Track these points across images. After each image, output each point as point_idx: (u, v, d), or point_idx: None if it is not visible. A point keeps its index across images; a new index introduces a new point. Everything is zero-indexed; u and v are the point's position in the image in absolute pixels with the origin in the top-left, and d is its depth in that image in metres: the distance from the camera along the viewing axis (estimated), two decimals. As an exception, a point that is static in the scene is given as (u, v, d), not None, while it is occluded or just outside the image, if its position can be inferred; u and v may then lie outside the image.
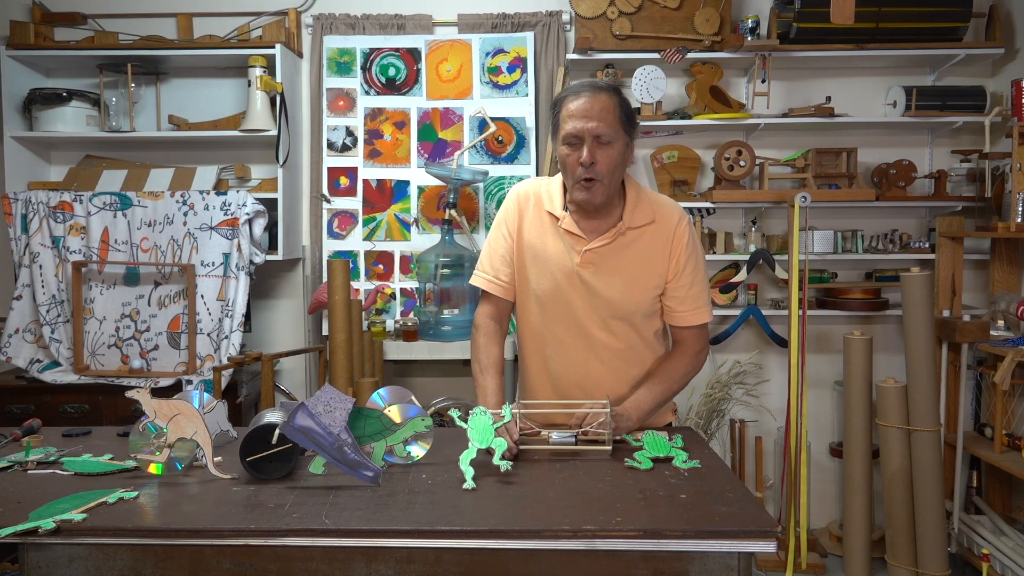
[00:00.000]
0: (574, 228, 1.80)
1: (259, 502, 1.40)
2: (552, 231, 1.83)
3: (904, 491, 2.89)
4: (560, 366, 1.87)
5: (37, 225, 3.11)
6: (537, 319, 1.87)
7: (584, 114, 1.69)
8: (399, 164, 3.35)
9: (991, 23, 3.25)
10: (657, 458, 1.62)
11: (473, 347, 1.89)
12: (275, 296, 3.55)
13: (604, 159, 1.70)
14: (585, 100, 1.70)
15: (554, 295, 1.83)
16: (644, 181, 3.50)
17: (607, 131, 1.70)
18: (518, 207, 1.87)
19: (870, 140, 3.45)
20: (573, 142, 1.71)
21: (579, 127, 1.69)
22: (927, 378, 2.86)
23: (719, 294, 3.42)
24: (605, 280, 1.80)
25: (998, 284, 3.18)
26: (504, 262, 1.87)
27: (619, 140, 1.73)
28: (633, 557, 1.27)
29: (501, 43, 3.33)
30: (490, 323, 1.89)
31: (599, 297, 1.81)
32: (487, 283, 1.89)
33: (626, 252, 1.80)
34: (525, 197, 1.87)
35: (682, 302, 1.84)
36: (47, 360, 3.17)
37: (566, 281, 1.81)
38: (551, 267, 1.82)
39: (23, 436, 1.83)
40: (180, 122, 3.36)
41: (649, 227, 1.81)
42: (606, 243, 1.79)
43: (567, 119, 1.72)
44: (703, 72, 3.31)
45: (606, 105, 1.70)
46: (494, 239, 1.90)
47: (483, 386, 1.82)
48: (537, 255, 1.83)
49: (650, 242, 1.81)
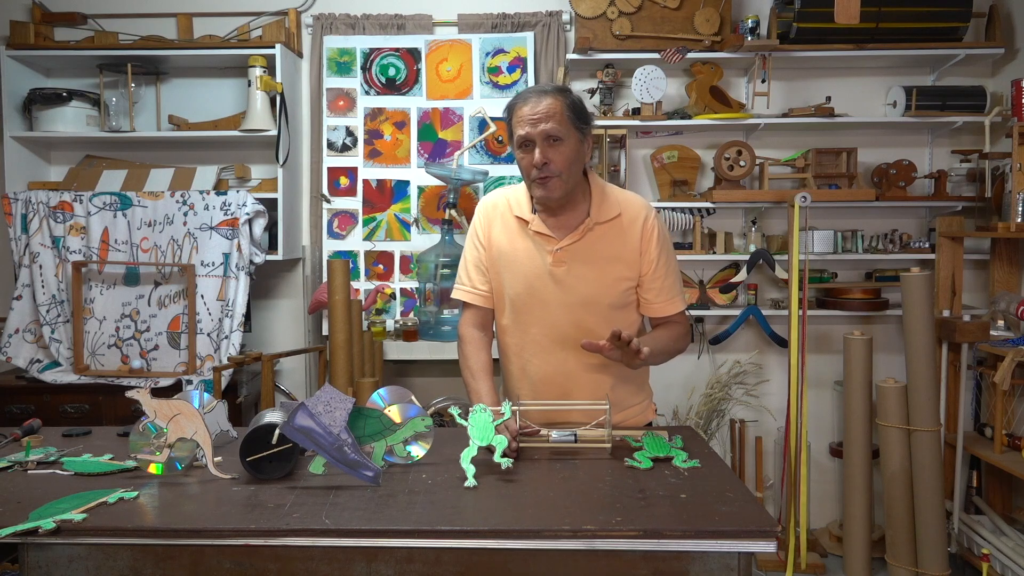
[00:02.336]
0: (543, 228, 1.84)
1: (259, 502, 1.40)
2: (522, 235, 1.87)
3: (904, 491, 2.89)
4: (539, 368, 1.88)
5: (37, 225, 3.11)
6: (514, 323, 1.89)
7: (531, 117, 1.75)
8: (399, 164, 3.35)
9: (991, 23, 3.25)
10: (657, 458, 1.62)
11: (461, 356, 1.92)
12: (275, 296, 3.55)
13: (557, 156, 1.75)
14: (531, 104, 1.76)
15: (528, 297, 1.85)
16: (645, 181, 3.50)
17: (556, 129, 1.74)
18: (486, 217, 1.92)
19: (870, 140, 3.45)
20: (525, 145, 1.77)
21: (528, 131, 1.75)
22: (927, 378, 2.86)
23: (719, 294, 3.42)
24: (578, 277, 1.83)
25: (998, 284, 3.18)
26: (479, 271, 1.92)
27: (571, 137, 1.77)
28: (633, 557, 1.27)
29: (501, 43, 3.33)
30: (474, 332, 1.92)
31: (573, 294, 1.83)
32: (467, 294, 1.93)
33: (596, 247, 1.83)
34: (492, 206, 1.92)
35: (659, 293, 1.88)
36: (47, 360, 3.17)
37: (539, 282, 1.84)
38: (524, 270, 1.85)
39: (23, 436, 1.83)
40: (180, 122, 3.36)
41: (616, 221, 1.85)
42: (576, 240, 1.82)
43: (517, 125, 1.78)
44: (703, 72, 3.31)
45: (551, 106, 1.75)
46: (468, 251, 1.95)
47: (476, 390, 1.85)
48: (509, 260, 1.87)
49: (619, 236, 1.85)
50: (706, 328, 3.53)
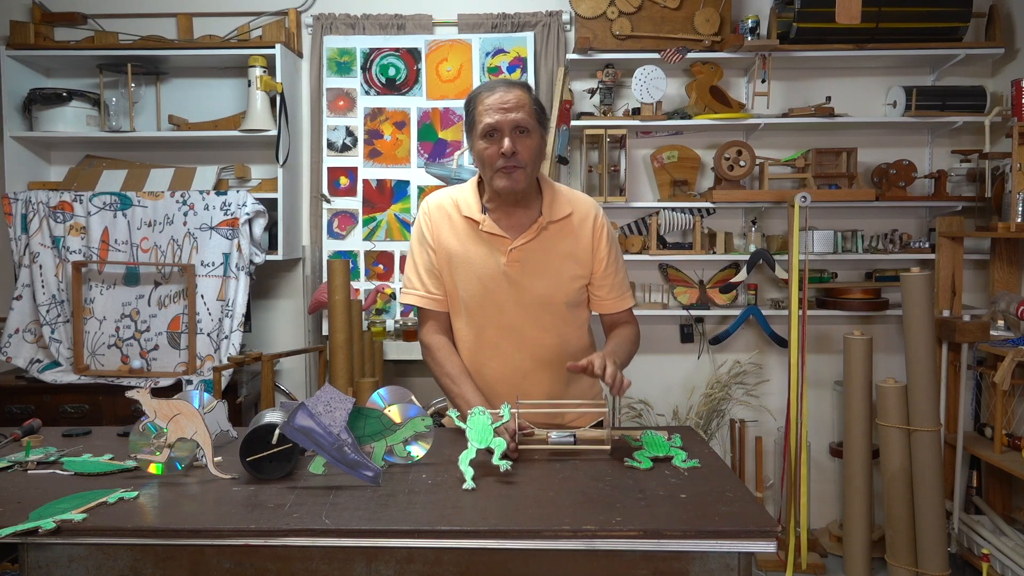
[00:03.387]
0: (495, 229, 1.81)
1: (259, 502, 1.40)
2: (472, 236, 1.83)
3: (904, 491, 2.89)
4: (496, 371, 1.86)
5: (37, 225, 3.11)
6: (468, 327, 1.86)
7: (501, 106, 1.73)
8: (399, 164, 3.36)
9: (991, 23, 3.25)
10: (657, 458, 1.62)
11: (434, 365, 1.87)
12: (275, 296, 3.55)
13: (524, 148, 1.74)
14: (501, 93, 1.74)
15: (482, 299, 1.83)
16: (645, 181, 3.51)
17: (526, 120, 1.73)
18: (431, 219, 1.87)
19: (870, 140, 3.45)
20: (491, 134, 1.74)
21: (498, 119, 1.72)
22: (927, 378, 2.86)
23: (719, 294, 3.42)
24: (532, 276, 1.82)
25: (998, 284, 3.18)
26: (431, 275, 1.87)
27: (536, 132, 1.77)
28: (633, 557, 1.27)
29: (501, 43, 3.33)
30: (440, 338, 1.88)
31: (528, 293, 1.82)
32: (422, 299, 1.88)
33: (550, 246, 1.83)
34: (437, 207, 1.88)
35: (610, 290, 1.89)
36: (47, 360, 3.17)
37: (493, 283, 1.82)
38: (476, 272, 1.82)
39: (23, 436, 1.83)
40: (180, 122, 3.36)
41: (568, 219, 1.85)
42: (530, 239, 1.81)
43: (483, 113, 1.75)
44: (703, 72, 3.31)
45: (521, 97, 1.75)
46: (416, 255, 1.89)
47: (461, 395, 1.80)
48: (461, 262, 1.83)
49: (571, 234, 1.84)
50: (706, 328, 3.53)
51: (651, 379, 3.50)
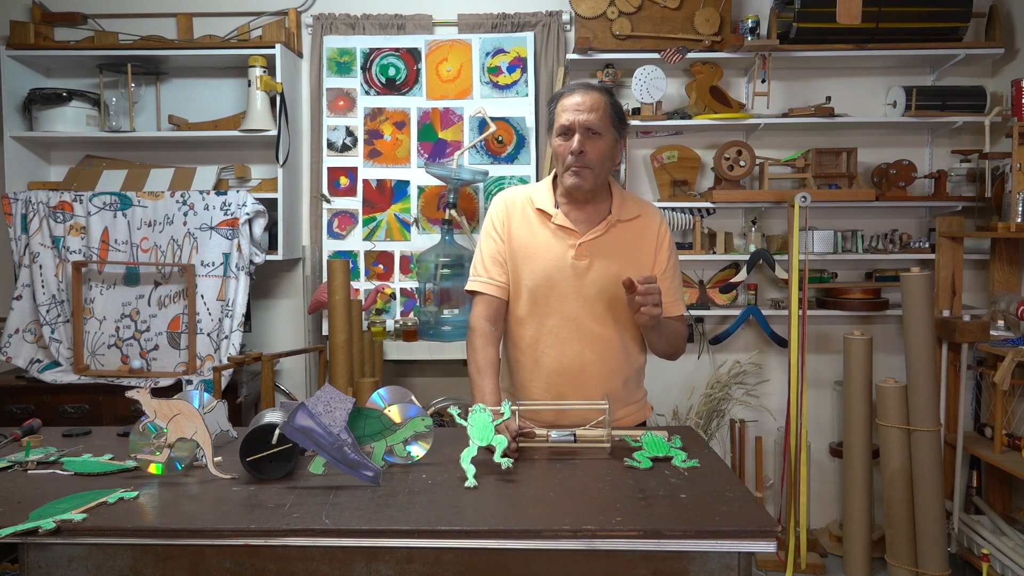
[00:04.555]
0: (566, 222, 1.90)
1: (259, 502, 1.40)
2: (543, 228, 1.92)
3: (904, 491, 2.89)
4: (554, 360, 1.91)
5: (37, 225, 3.11)
6: (531, 314, 1.92)
7: (576, 107, 1.84)
8: (399, 164, 3.35)
9: (991, 23, 3.25)
10: (657, 458, 1.62)
11: (469, 349, 1.93)
12: (275, 296, 3.55)
13: (593, 149, 1.84)
14: (579, 96, 1.85)
15: (548, 289, 1.89)
16: (644, 181, 3.51)
17: (597, 123, 1.84)
18: (506, 210, 1.97)
19: (870, 140, 3.45)
20: (566, 133, 1.86)
21: (571, 119, 1.84)
22: (927, 378, 2.86)
23: (719, 294, 3.42)
24: (598, 271, 1.89)
25: (998, 284, 3.18)
26: (496, 263, 1.94)
27: (608, 134, 1.87)
28: (633, 557, 1.27)
29: (501, 43, 3.33)
30: (486, 325, 1.93)
31: (592, 287, 1.89)
32: (484, 284, 1.95)
33: (617, 244, 1.91)
34: (512, 200, 1.98)
35: (666, 294, 1.92)
36: (47, 360, 3.17)
37: (559, 274, 1.89)
38: (545, 262, 1.90)
39: (23, 436, 1.83)
40: (180, 122, 3.36)
41: (636, 221, 1.95)
42: (599, 235, 1.90)
43: (561, 112, 1.86)
44: (703, 72, 3.31)
45: (597, 100, 1.85)
46: (484, 244, 1.98)
47: (480, 386, 1.86)
48: (530, 252, 1.91)
49: (637, 236, 1.94)
50: (706, 328, 3.53)
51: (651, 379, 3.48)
